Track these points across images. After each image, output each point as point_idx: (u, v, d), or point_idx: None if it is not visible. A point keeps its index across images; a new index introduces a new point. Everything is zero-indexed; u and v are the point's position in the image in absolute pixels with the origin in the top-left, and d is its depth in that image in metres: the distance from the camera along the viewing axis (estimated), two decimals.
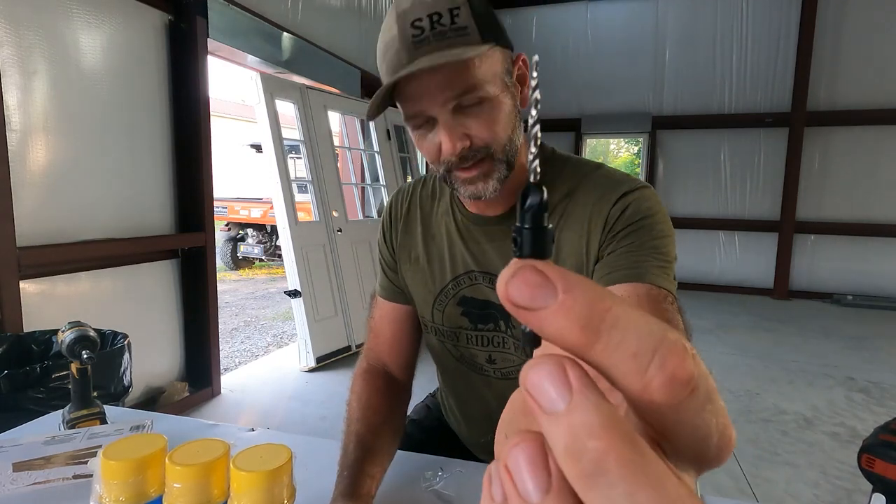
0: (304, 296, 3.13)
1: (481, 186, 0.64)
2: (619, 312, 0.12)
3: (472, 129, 0.61)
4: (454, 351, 0.80)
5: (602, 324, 0.12)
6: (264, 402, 2.69)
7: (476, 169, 0.63)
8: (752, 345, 3.86)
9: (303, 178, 3.43)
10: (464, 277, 0.75)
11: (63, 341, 0.79)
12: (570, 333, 0.12)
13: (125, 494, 0.43)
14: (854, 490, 1.90)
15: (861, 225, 5.33)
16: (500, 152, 0.63)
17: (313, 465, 0.72)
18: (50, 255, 1.92)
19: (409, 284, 0.81)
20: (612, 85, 6.04)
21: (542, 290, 0.13)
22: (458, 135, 0.61)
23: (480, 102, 0.61)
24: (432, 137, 0.63)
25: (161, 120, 2.42)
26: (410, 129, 0.66)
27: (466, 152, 0.62)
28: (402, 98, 0.62)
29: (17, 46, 1.82)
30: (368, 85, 4.13)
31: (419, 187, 0.83)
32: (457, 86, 0.59)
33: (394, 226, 0.83)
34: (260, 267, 7.96)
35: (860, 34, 5.17)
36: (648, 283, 0.59)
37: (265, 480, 0.43)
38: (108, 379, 1.49)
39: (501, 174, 0.64)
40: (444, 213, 0.78)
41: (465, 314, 0.76)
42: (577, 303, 0.12)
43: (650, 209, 0.64)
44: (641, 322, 0.13)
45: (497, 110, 0.62)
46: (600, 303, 0.13)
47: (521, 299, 0.13)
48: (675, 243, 0.65)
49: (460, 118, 0.61)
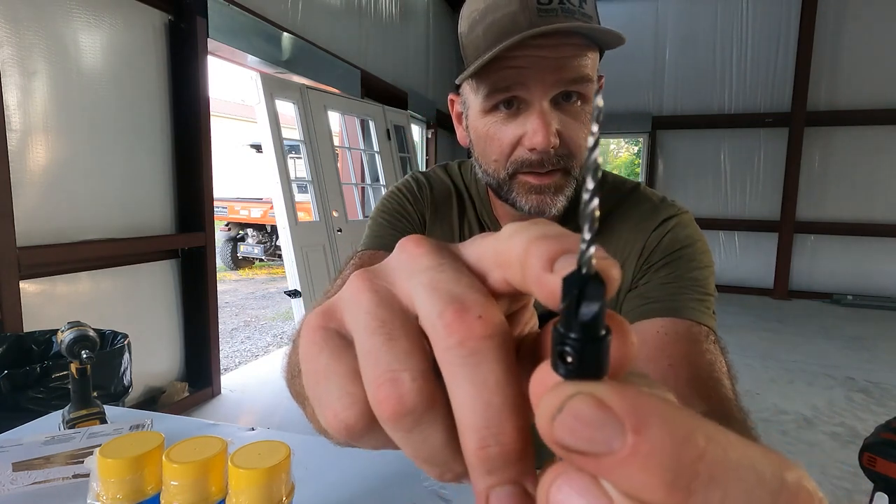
0: (304, 296, 3.13)
1: (549, 200, 0.55)
2: (717, 457, 0.09)
3: (566, 129, 0.53)
4: None
5: (695, 479, 0.09)
6: (264, 402, 2.69)
7: (551, 177, 0.54)
8: (752, 345, 3.86)
9: (303, 178, 3.43)
10: None
11: (63, 341, 0.79)
12: (650, 491, 0.09)
13: (122, 492, 0.43)
14: (854, 490, 1.90)
15: (861, 225, 5.33)
16: (575, 168, 0.55)
17: (313, 464, 0.72)
18: (50, 255, 1.92)
19: None
20: (611, 85, 6.02)
21: (605, 430, 0.09)
22: (553, 129, 0.51)
23: (580, 101, 0.53)
24: (513, 127, 0.53)
25: (161, 120, 2.42)
26: (481, 113, 0.55)
27: (551, 154, 0.52)
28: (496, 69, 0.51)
29: (17, 46, 1.82)
30: (368, 85, 4.13)
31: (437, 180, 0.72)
32: (573, 71, 0.50)
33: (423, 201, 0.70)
34: (260, 267, 7.96)
35: (860, 34, 5.17)
36: (688, 318, 0.52)
37: (263, 477, 0.43)
38: (108, 379, 1.49)
39: (570, 193, 0.56)
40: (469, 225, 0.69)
41: None
42: (658, 447, 0.09)
43: (689, 237, 0.58)
44: (748, 462, 0.09)
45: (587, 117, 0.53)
46: (690, 446, 0.09)
47: (573, 442, 0.10)
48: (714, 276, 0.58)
49: (555, 112, 0.52)
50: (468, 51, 0.55)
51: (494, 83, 0.52)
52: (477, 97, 0.55)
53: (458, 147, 6.44)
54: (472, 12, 0.54)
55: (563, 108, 0.53)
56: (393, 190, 0.72)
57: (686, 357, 0.48)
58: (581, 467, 0.10)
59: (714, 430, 0.09)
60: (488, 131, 0.55)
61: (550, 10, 0.48)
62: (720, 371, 0.49)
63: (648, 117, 5.94)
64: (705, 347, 0.50)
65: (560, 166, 0.54)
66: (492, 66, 0.51)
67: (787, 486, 0.09)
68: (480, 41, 0.52)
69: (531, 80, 0.50)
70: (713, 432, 0.09)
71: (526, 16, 0.49)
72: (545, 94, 0.51)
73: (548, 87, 0.51)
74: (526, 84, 0.51)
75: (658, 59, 5.90)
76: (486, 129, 0.55)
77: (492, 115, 0.54)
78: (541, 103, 0.51)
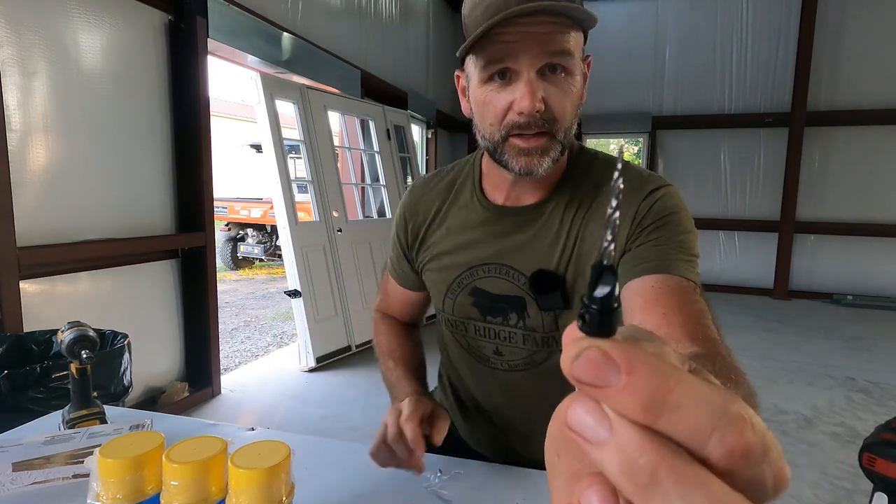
0: (304, 296, 3.13)
1: (536, 161, 0.63)
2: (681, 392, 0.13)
3: (550, 97, 0.61)
4: (462, 341, 0.81)
5: (664, 406, 0.13)
6: (264, 402, 2.69)
7: (537, 140, 0.62)
8: (752, 345, 3.86)
9: (303, 178, 3.43)
10: (479, 268, 0.75)
11: (63, 341, 0.79)
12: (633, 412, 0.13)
13: (122, 492, 0.43)
14: (854, 490, 1.90)
15: (861, 225, 5.33)
16: (561, 132, 0.63)
17: (313, 464, 0.72)
18: (50, 255, 1.92)
19: (427, 280, 0.83)
20: (611, 85, 6.04)
21: (606, 371, 0.14)
22: (538, 96, 0.60)
23: (564, 73, 0.61)
24: (505, 95, 0.61)
25: (161, 120, 2.42)
26: (479, 83, 0.64)
27: (535, 120, 0.60)
28: (491, 44, 0.59)
29: (17, 46, 1.82)
30: (368, 85, 4.13)
31: (433, 182, 0.83)
32: (555, 44, 0.58)
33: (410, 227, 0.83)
34: (260, 267, 7.96)
35: (860, 34, 5.17)
36: (678, 275, 0.60)
37: (263, 477, 0.43)
38: (108, 379, 1.49)
39: (556, 155, 0.64)
40: (465, 205, 0.78)
41: (475, 304, 0.76)
42: (640, 384, 0.13)
43: (675, 206, 0.66)
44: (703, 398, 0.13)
45: (574, 88, 0.62)
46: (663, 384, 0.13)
47: (585, 377, 0.14)
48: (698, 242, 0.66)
49: (541, 82, 0.60)
50: (469, 29, 0.62)
51: (490, 56, 0.61)
52: (476, 69, 0.63)
53: (457, 147, 6.44)
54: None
55: (548, 79, 0.61)
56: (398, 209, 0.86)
57: (678, 307, 0.56)
58: (589, 395, 0.14)
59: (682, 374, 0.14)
60: (485, 98, 0.63)
61: None
62: (707, 317, 0.57)
63: (648, 117, 5.94)
64: (694, 298, 0.58)
65: (545, 129, 0.62)
66: (487, 42, 0.59)
67: (729, 413, 0.13)
68: (479, 20, 0.59)
69: (519, 52, 0.59)
70: (681, 376, 0.13)
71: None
72: (532, 66, 0.59)
73: (534, 58, 0.59)
74: (515, 56, 0.59)
75: (658, 59, 5.90)
76: (484, 97, 0.64)
77: (488, 85, 0.63)
78: (528, 73, 0.59)
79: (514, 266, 0.72)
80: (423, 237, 0.81)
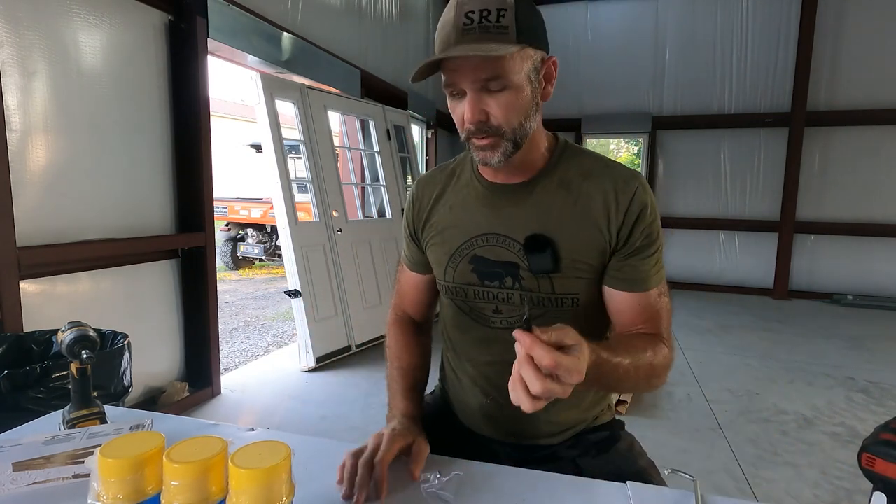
0: (304, 296, 3.13)
1: (489, 155, 0.76)
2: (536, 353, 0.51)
3: (491, 109, 0.73)
4: (463, 306, 0.89)
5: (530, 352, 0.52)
6: (264, 402, 2.69)
7: (487, 140, 0.75)
8: (752, 345, 3.86)
9: (303, 178, 3.43)
10: (478, 238, 0.85)
11: (63, 341, 0.79)
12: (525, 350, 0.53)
13: (123, 492, 0.43)
14: (854, 490, 1.90)
15: (861, 225, 5.34)
16: (509, 133, 0.74)
17: (313, 464, 0.72)
18: (50, 255, 1.92)
19: (431, 254, 0.92)
20: (612, 85, 6.04)
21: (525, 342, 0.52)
22: (477, 110, 0.72)
23: (503, 89, 0.71)
24: (461, 107, 0.75)
25: (161, 120, 2.42)
26: (448, 95, 0.77)
27: (482, 126, 0.73)
28: (445, 69, 0.73)
29: (17, 46, 1.82)
30: (368, 85, 4.13)
31: (437, 172, 0.95)
32: (485, 72, 0.70)
33: (416, 210, 0.94)
34: (260, 267, 7.97)
35: (860, 34, 5.17)
36: (648, 289, 0.79)
37: (263, 477, 0.43)
38: (108, 379, 1.49)
39: (507, 150, 0.76)
40: (465, 184, 0.89)
41: (474, 271, 0.85)
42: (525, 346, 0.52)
43: (649, 197, 0.80)
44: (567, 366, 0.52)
45: (516, 99, 0.73)
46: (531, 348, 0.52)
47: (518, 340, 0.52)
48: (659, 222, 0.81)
49: (484, 97, 0.72)
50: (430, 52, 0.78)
51: (445, 80, 0.74)
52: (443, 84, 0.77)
53: (457, 147, 6.44)
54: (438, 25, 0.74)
55: (490, 94, 0.72)
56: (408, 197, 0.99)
57: (650, 319, 0.80)
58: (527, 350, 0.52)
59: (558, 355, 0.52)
60: (451, 108, 0.78)
61: (470, 30, 0.68)
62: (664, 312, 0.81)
63: (648, 117, 5.94)
64: (658, 304, 0.80)
65: (492, 133, 0.74)
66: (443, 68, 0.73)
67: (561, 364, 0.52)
68: (435, 45, 0.74)
69: (461, 77, 0.72)
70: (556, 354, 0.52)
71: (454, 34, 0.69)
72: (472, 86, 0.72)
73: (471, 81, 0.71)
74: (458, 80, 0.72)
75: (658, 59, 5.90)
76: (451, 107, 0.78)
77: (451, 99, 0.77)
78: (470, 93, 0.72)
79: (509, 235, 0.82)
80: (428, 216, 0.92)
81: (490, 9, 0.68)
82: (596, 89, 6.07)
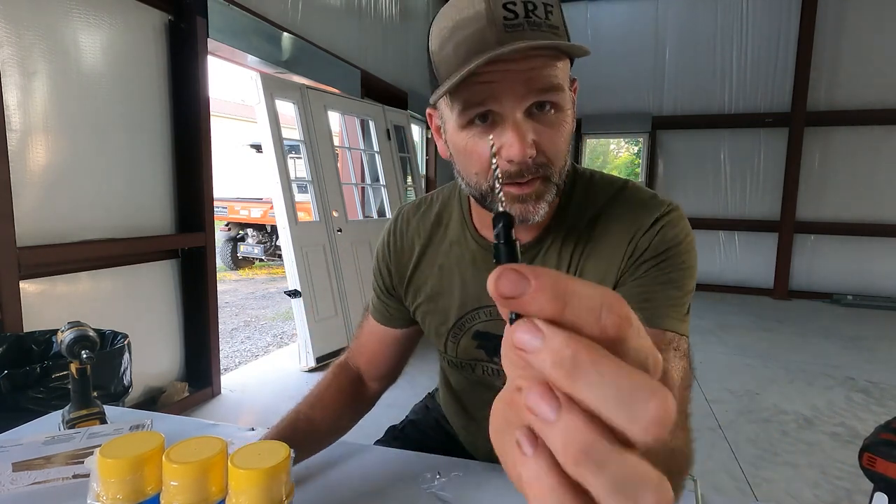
0: (304, 296, 3.13)
1: (532, 208, 0.56)
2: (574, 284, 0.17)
3: (542, 139, 0.54)
4: (471, 376, 0.77)
5: (565, 294, 0.17)
6: (264, 402, 2.69)
7: (531, 186, 0.55)
8: (752, 345, 3.86)
9: (303, 178, 3.43)
10: (479, 311, 0.70)
11: (63, 341, 0.79)
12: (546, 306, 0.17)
13: (122, 492, 0.43)
14: (854, 490, 1.90)
15: (861, 225, 5.33)
16: (556, 174, 0.57)
17: (313, 464, 0.72)
18: (50, 255, 1.92)
19: (422, 320, 0.77)
20: (612, 85, 6.03)
21: (521, 282, 0.17)
22: (528, 140, 0.52)
23: (554, 110, 0.54)
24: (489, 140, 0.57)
25: (161, 120, 2.42)
26: (457, 128, 0.56)
27: (530, 164, 0.54)
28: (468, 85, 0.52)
29: (17, 46, 1.82)
30: (368, 85, 4.13)
31: (420, 215, 0.76)
32: (543, 81, 0.52)
33: (393, 259, 0.77)
34: (260, 267, 7.96)
35: (860, 34, 5.17)
36: (659, 328, 0.57)
37: (263, 477, 0.43)
38: (108, 379, 1.49)
39: (551, 198, 0.57)
40: (456, 240, 0.72)
41: (480, 347, 0.72)
42: (545, 284, 0.17)
43: (676, 237, 0.61)
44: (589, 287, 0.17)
45: (565, 125, 0.56)
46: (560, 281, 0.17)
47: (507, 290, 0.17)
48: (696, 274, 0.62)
49: (530, 122, 0.53)
50: (440, 68, 0.55)
51: (468, 99, 0.53)
52: (452, 113, 0.56)
53: None
54: (442, 30, 0.54)
55: (537, 118, 0.54)
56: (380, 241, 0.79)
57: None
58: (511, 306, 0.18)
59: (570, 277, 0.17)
60: (466, 145, 0.56)
61: (517, 25, 0.50)
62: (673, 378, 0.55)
63: (648, 117, 5.93)
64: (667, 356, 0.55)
65: (539, 174, 0.55)
66: (464, 83, 0.52)
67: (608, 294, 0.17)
68: (451, 58, 0.53)
69: (503, 93, 0.52)
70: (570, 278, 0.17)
71: (493, 32, 0.50)
72: (518, 107, 0.52)
73: (520, 99, 0.52)
74: (498, 98, 0.52)
75: (658, 59, 5.90)
76: (465, 144, 0.56)
77: (469, 130, 0.55)
78: (514, 115, 0.53)
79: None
80: (411, 275, 0.75)
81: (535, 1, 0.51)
82: (596, 89, 6.07)
